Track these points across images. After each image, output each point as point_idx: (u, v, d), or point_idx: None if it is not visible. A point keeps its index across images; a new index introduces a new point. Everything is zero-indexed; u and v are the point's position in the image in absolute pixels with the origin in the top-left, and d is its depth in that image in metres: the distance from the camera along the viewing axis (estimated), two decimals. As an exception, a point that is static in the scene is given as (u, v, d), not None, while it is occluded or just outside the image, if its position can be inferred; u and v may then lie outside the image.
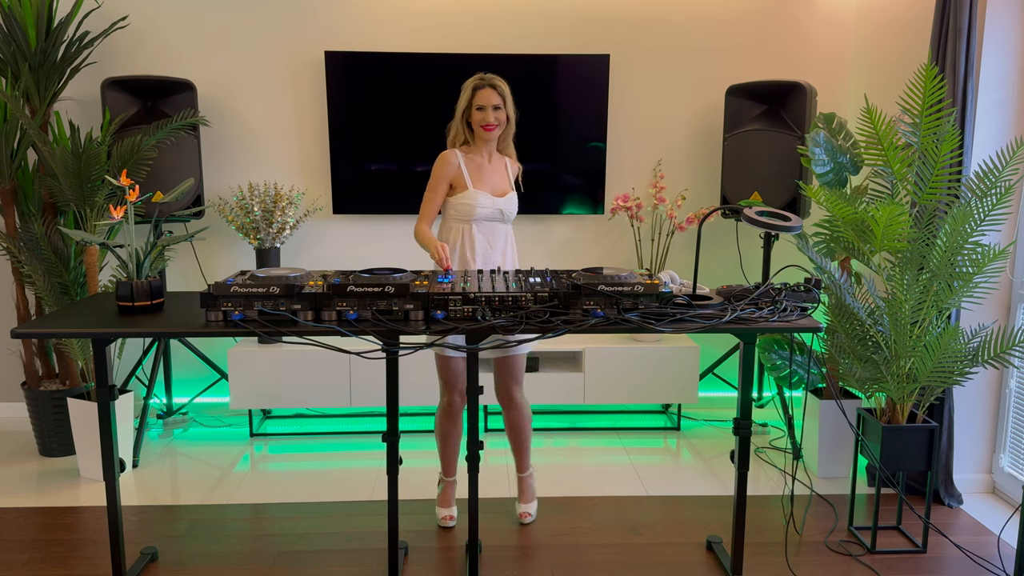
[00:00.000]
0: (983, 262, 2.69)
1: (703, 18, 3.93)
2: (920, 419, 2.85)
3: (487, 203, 2.73)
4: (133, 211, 2.41)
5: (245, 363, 3.64)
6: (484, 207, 2.73)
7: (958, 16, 2.83)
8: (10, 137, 3.36)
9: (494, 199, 2.75)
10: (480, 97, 2.71)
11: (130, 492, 3.18)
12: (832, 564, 2.66)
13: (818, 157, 3.04)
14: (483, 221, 2.75)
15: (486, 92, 2.71)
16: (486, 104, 2.70)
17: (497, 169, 2.82)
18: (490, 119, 2.70)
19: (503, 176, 2.83)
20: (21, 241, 3.41)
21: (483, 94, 2.71)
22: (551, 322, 2.14)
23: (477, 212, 2.73)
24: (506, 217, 2.80)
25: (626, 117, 3.98)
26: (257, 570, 2.60)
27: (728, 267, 3.97)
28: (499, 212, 2.76)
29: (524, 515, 2.93)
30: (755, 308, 2.28)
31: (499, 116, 2.72)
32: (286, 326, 2.14)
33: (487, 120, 2.70)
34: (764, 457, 3.58)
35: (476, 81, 2.74)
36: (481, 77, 2.74)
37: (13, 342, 3.92)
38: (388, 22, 3.84)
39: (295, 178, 3.95)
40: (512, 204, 2.81)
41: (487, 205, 2.73)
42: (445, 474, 2.96)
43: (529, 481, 2.99)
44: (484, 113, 2.70)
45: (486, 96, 2.70)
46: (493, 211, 2.75)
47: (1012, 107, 3.01)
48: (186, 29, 3.79)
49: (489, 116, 2.70)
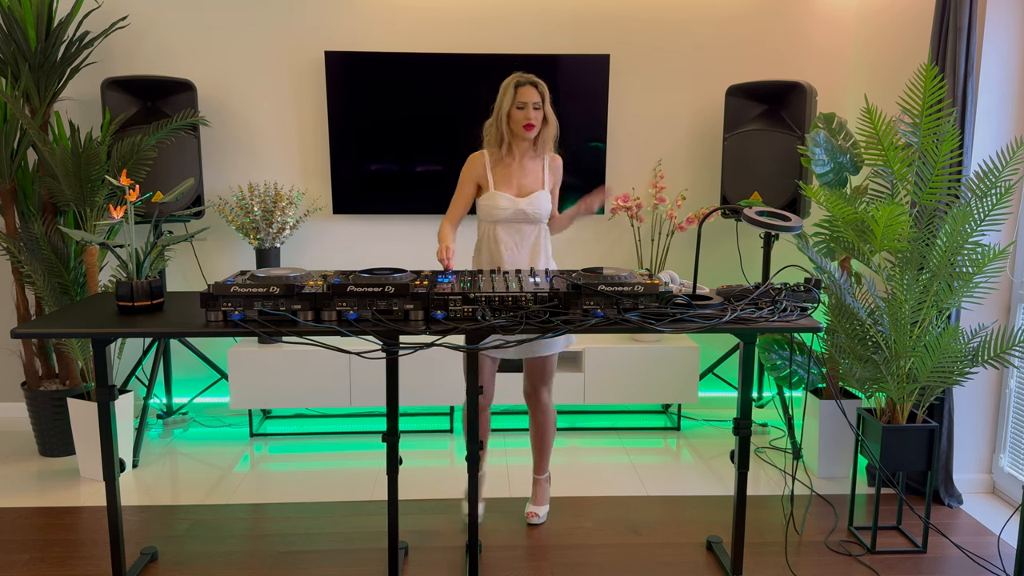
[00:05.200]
0: (983, 262, 2.69)
1: (703, 18, 3.93)
2: (920, 419, 2.85)
3: (506, 204, 2.71)
4: (133, 211, 2.41)
5: (245, 363, 3.64)
6: (503, 208, 2.71)
7: (958, 16, 2.83)
8: (10, 137, 3.36)
9: (515, 200, 2.72)
10: (522, 94, 2.66)
11: (130, 492, 3.18)
12: (832, 564, 2.66)
13: (818, 157, 3.04)
14: (507, 222, 2.73)
15: (527, 90, 2.67)
16: (527, 102, 2.66)
17: (531, 170, 2.77)
18: (531, 117, 2.67)
19: (535, 177, 2.78)
20: (21, 241, 3.41)
21: (525, 91, 2.67)
22: (551, 322, 2.14)
23: (497, 213, 2.72)
24: (531, 217, 2.74)
25: (626, 117, 3.98)
26: (257, 570, 2.60)
27: (728, 267, 3.97)
28: (522, 213, 2.72)
29: (531, 515, 2.91)
30: (755, 308, 2.28)
31: (538, 116, 2.69)
32: (286, 326, 2.14)
33: (528, 118, 2.67)
34: (764, 457, 3.58)
35: (518, 78, 2.70)
36: (522, 74, 2.70)
37: (13, 342, 3.92)
38: (388, 22, 3.84)
39: (295, 178, 3.95)
40: (537, 204, 2.74)
41: (506, 207, 2.71)
42: None
43: (545, 484, 2.98)
44: (525, 111, 2.67)
45: (527, 93, 2.67)
46: (514, 212, 2.72)
47: (1012, 107, 3.01)
48: (186, 29, 3.79)
49: (530, 114, 2.67)
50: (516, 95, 2.67)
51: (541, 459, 2.96)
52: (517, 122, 2.68)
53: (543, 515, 2.94)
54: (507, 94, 2.69)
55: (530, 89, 2.67)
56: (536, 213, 2.74)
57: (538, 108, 2.69)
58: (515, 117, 2.68)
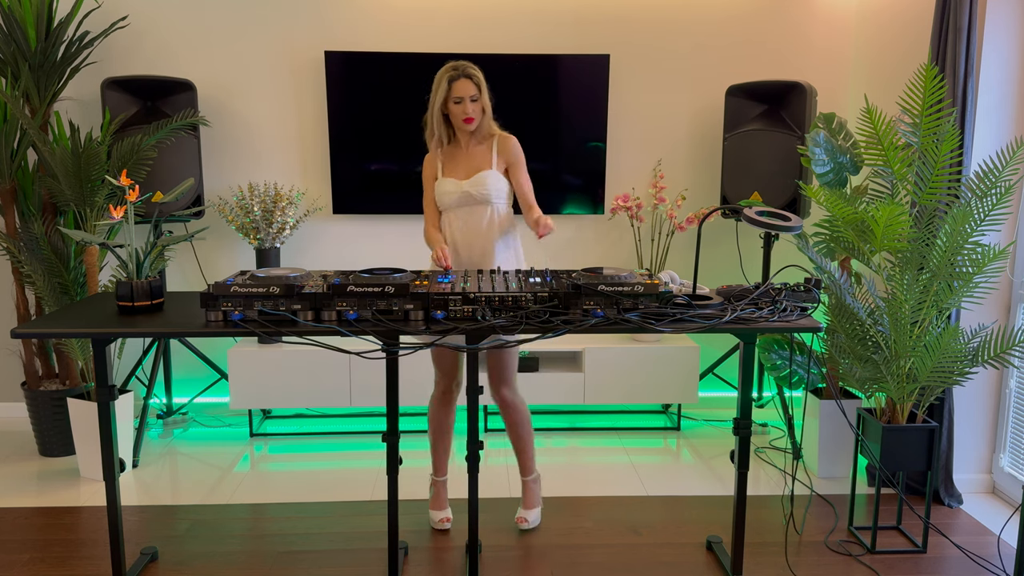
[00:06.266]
0: (983, 262, 2.69)
1: (703, 18, 3.93)
2: (920, 419, 2.85)
3: (451, 188, 2.69)
4: (133, 211, 2.41)
5: (245, 363, 3.64)
6: (449, 193, 2.69)
7: (958, 16, 2.83)
8: (10, 137, 3.36)
9: (459, 183, 2.68)
10: (457, 88, 2.60)
11: (130, 492, 3.18)
12: (832, 564, 2.66)
13: (818, 157, 3.04)
14: (457, 207, 2.71)
15: (462, 83, 2.60)
16: (463, 95, 2.61)
17: (477, 153, 2.73)
18: (469, 111, 2.62)
19: (483, 158, 2.72)
20: (21, 241, 3.41)
21: (460, 85, 2.60)
22: (551, 322, 2.14)
23: (445, 199, 2.70)
24: (478, 199, 2.67)
25: (626, 117, 3.98)
26: (257, 570, 2.60)
27: (728, 267, 3.97)
28: (467, 195, 2.67)
29: (520, 520, 2.86)
30: (755, 308, 2.28)
31: (476, 108, 2.64)
32: (286, 326, 2.14)
33: (467, 112, 2.62)
34: (764, 457, 3.58)
35: (450, 72, 2.61)
36: (455, 67, 2.62)
37: (13, 342, 3.92)
38: (388, 22, 3.84)
39: (295, 178, 3.95)
40: (481, 185, 2.66)
41: (451, 191, 2.69)
42: (436, 473, 2.91)
43: (532, 486, 2.91)
44: (462, 106, 2.62)
45: (463, 87, 2.60)
46: (460, 195, 2.68)
47: (1012, 107, 3.01)
48: (186, 29, 3.80)
49: (468, 108, 2.62)
50: (451, 90, 2.61)
51: (522, 459, 2.89)
52: (456, 116, 2.65)
53: (533, 520, 2.87)
54: (440, 88, 2.63)
55: (465, 82, 2.60)
56: (482, 193, 2.67)
57: (475, 100, 2.62)
58: (453, 112, 2.64)
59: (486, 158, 2.73)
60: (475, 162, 2.73)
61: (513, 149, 2.74)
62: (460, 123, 2.66)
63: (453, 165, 2.74)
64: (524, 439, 2.86)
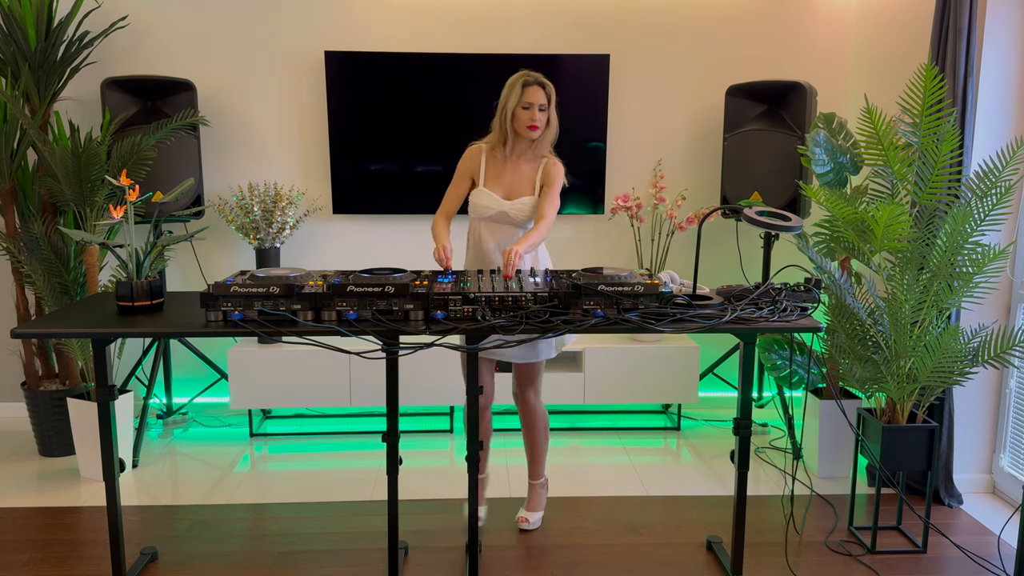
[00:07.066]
0: (983, 262, 2.69)
1: (703, 18, 3.93)
2: (920, 419, 2.85)
3: (490, 203, 2.67)
4: (133, 211, 2.41)
5: (245, 363, 3.64)
6: (487, 207, 2.67)
7: (958, 16, 2.83)
8: (10, 137, 3.36)
9: (500, 201, 2.67)
10: (528, 94, 2.60)
11: (130, 492, 3.18)
12: (832, 564, 2.66)
13: (818, 157, 3.04)
14: (490, 221, 2.69)
15: (534, 90, 2.61)
16: (533, 102, 2.60)
17: (524, 172, 2.70)
18: (536, 119, 2.61)
19: (527, 180, 2.69)
20: (21, 241, 3.41)
21: (532, 92, 2.60)
22: (551, 322, 2.14)
23: (481, 211, 2.68)
24: (514, 221, 2.67)
25: (626, 117, 3.98)
26: (257, 570, 2.60)
27: (728, 267, 3.97)
28: (505, 215, 2.66)
29: (522, 520, 2.87)
30: (755, 308, 2.28)
31: (542, 118, 2.63)
32: (286, 326, 2.14)
33: (533, 119, 2.61)
34: (764, 457, 3.58)
35: (524, 77, 2.62)
36: (528, 73, 2.63)
37: (13, 342, 3.92)
38: (388, 22, 3.84)
39: (295, 178, 3.95)
40: (522, 212, 2.66)
41: (491, 206, 2.67)
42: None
43: (539, 490, 2.92)
44: (531, 112, 2.61)
45: (534, 94, 2.60)
46: (498, 213, 2.66)
47: (1012, 107, 3.02)
48: (186, 29, 3.79)
49: (535, 115, 2.61)
50: (523, 95, 2.61)
51: (534, 463, 2.90)
52: (521, 122, 2.62)
53: (534, 521, 2.88)
54: (513, 92, 2.62)
55: (537, 90, 2.61)
56: (520, 219, 2.67)
57: (543, 110, 2.63)
58: (519, 117, 2.62)
59: (530, 180, 2.70)
60: (519, 182, 2.70)
61: (553, 170, 2.70)
62: (524, 129, 2.63)
63: (495, 175, 2.70)
64: (540, 444, 2.88)
